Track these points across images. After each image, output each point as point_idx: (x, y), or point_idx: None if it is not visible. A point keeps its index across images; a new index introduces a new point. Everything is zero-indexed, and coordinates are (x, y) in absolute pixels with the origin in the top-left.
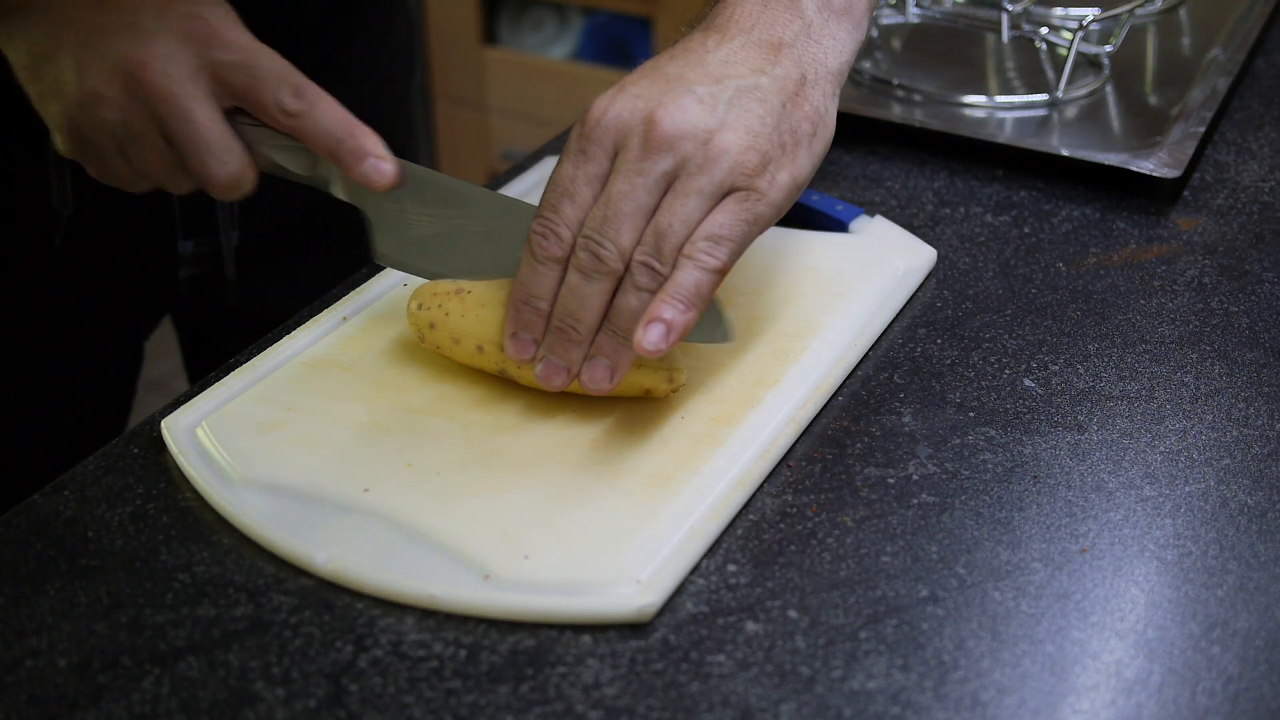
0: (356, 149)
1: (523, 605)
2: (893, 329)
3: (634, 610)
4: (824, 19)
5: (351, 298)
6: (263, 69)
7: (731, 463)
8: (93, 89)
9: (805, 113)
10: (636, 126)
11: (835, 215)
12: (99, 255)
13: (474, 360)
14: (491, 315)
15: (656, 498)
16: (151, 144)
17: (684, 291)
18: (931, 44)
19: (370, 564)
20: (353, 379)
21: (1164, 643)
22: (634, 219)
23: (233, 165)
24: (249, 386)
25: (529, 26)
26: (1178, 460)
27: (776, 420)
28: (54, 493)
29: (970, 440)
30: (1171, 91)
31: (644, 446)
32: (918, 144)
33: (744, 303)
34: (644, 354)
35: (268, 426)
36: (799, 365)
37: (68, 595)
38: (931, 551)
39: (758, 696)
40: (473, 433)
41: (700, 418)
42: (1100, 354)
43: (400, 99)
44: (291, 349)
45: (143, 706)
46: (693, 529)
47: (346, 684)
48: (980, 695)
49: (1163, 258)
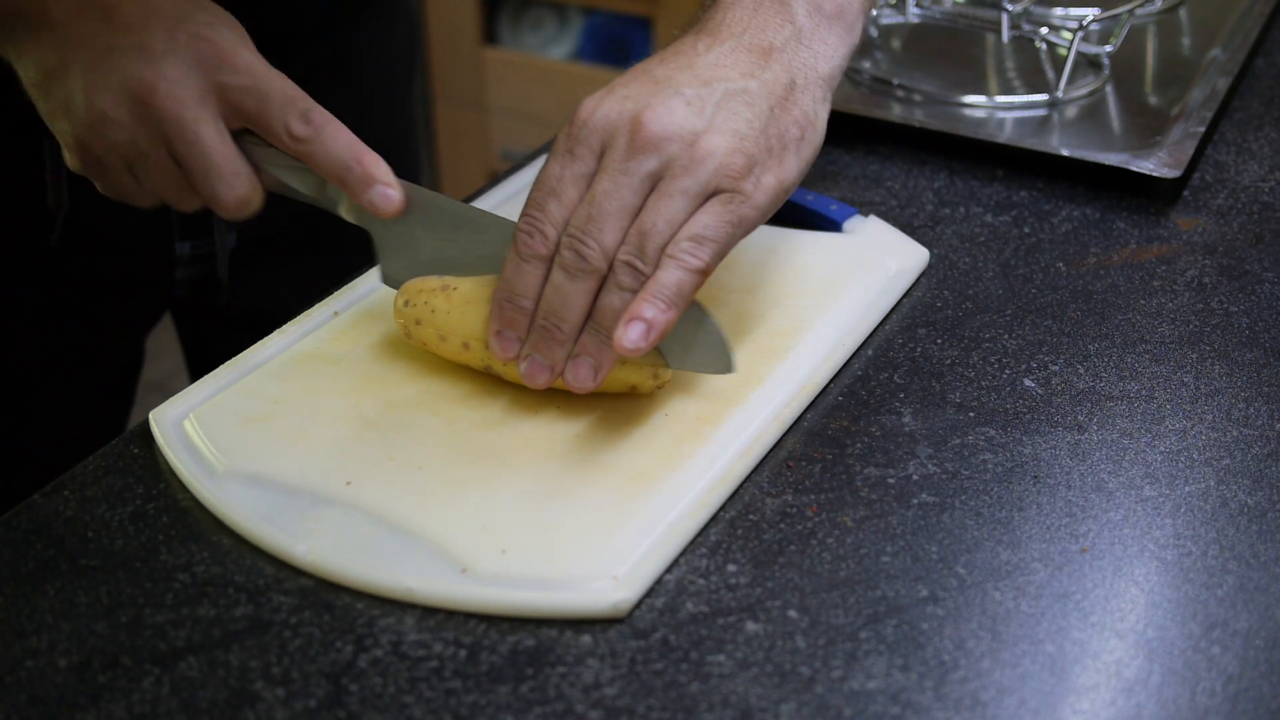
0: (364, 176)
1: (499, 599)
2: (892, 329)
3: (609, 605)
4: (815, 24)
5: (343, 293)
6: (271, 93)
7: (713, 460)
8: (101, 110)
9: (794, 117)
10: (623, 127)
11: (829, 215)
12: (95, 255)
13: (460, 356)
14: (477, 312)
15: (637, 495)
16: (160, 165)
17: (665, 291)
18: (931, 44)
19: (350, 556)
20: (340, 373)
21: (1164, 643)
22: (618, 218)
23: (240, 188)
24: (237, 379)
25: (529, 26)
26: (1178, 460)
27: (761, 418)
28: (54, 493)
29: (970, 440)
30: (1171, 91)
31: (627, 444)
32: (918, 144)
33: (734, 301)
34: (624, 353)
35: (254, 419)
36: (786, 364)
37: (68, 595)
38: (931, 551)
39: (758, 696)
40: (456, 428)
41: (684, 416)
42: (1100, 354)
43: (401, 99)
44: (281, 343)
45: (143, 706)
46: (671, 525)
47: (346, 684)
48: (980, 695)
49: (1163, 258)
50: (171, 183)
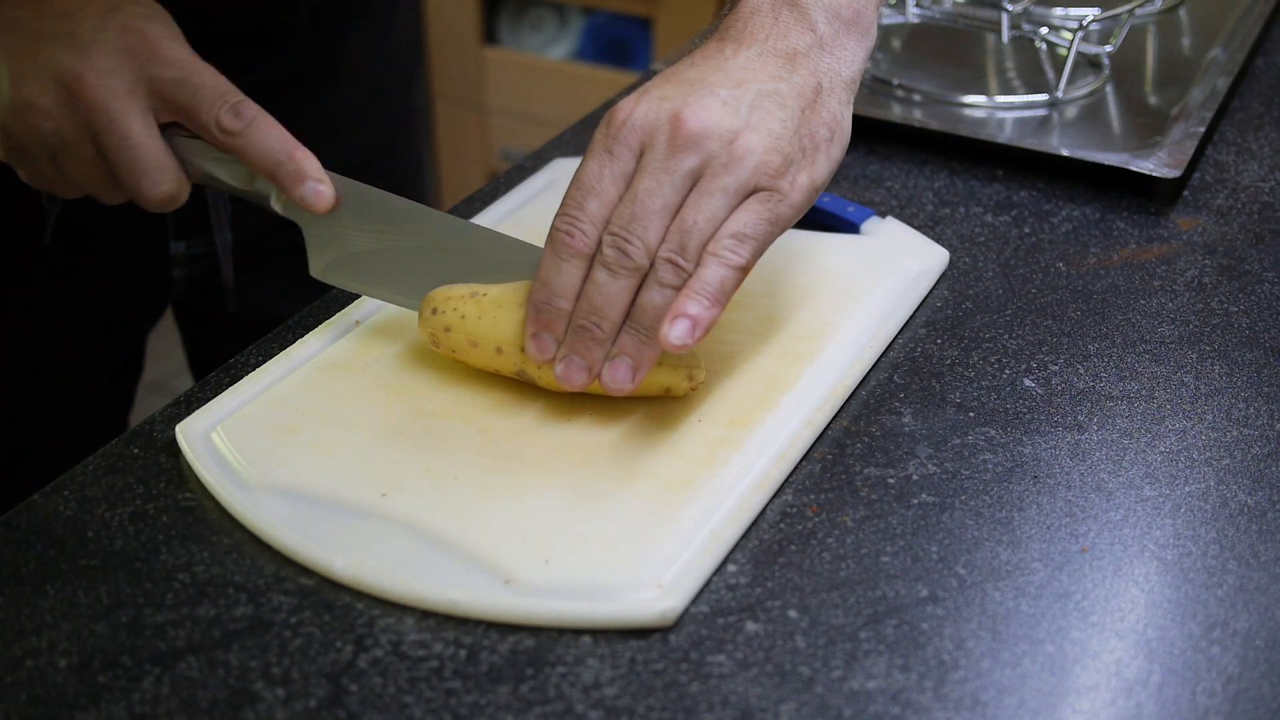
0: (295, 171)
1: (545, 610)
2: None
3: (656, 615)
4: (834, 30)
5: (362, 301)
6: (202, 87)
7: (749, 466)
8: (28, 97)
9: (823, 119)
10: (663, 125)
11: (847, 217)
12: (90, 255)
13: (492, 362)
14: (509, 316)
15: (675, 502)
16: (84, 156)
17: (709, 288)
18: (931, 44)
19: (389, 569)
20: (367, 383)
21: (1164, 643)
22: (661, 216)
23: (166, 184)
24: (263, 391)
25: (529, 26)
26: (1178, 460)
27: (793, 423)
28: (54, 493)
29: (970, 440)
30: (1171, 91)
31: (661, 450)
32: (918, 144)
33: (757, 304)
34: (670, 349)
35: (283, 431)
36: (814, 367)
37: (68, 595)
38: (931, 551)
39: (758, 696)
40: (489, 436)
41: (717, 421)
42: (1100, 354)
43: (402, 99)
44: (304, 353)
45: (143, 706)
46: (713, 533)
47: (346, 684)
48: (980, 695)
49: (1163, 258)
50: (95, 175)
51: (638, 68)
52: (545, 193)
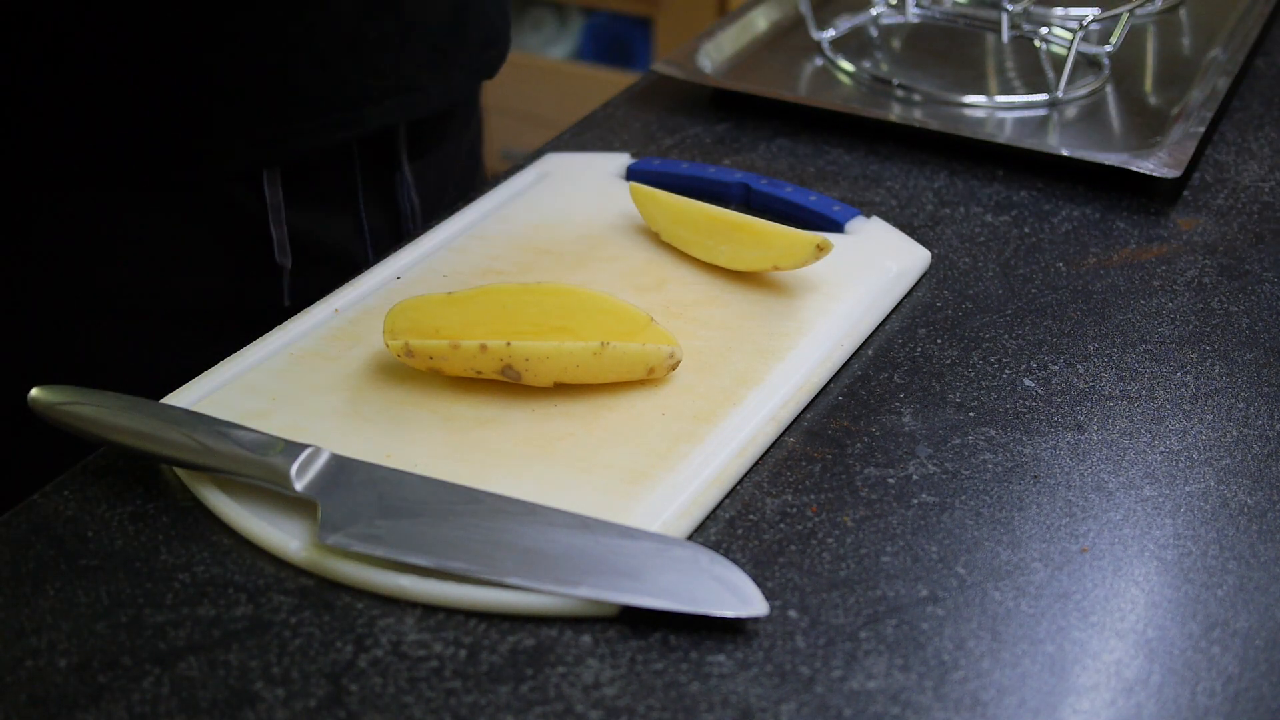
0: None
1: (496, 599)
2: (892, 329)
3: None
4: None
5: (343, 290)
6: None
7: (708, 461)
8: None
9: None
10: None
11: (832, 216)
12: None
13: (475, 361)
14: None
15: (632, 494)
16: None
17: None
18: (931, 44)
19: (346, 553)
20: (339, 370)
21: (1164, 643)
22: None
23: None
24: (237, 376)
25: (529, 26)
26: (1178, 460)
27: (757, 418)
28: (54, 493)
29: (970, 440)
30: (1171, 91)
31: (623, 442)
32: (918, 144)
33: (734, 302)
34: None
35: (253, 415)
36: (783, 365)
37: (68, 595)
38: (931, 551)
39: (758, 696)
40: (453, 424)
41: (682, 415)
42: (1100, 354)
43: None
44: (281, 339)
45: (143, 706)
46: (665, 525)
47: (346, 684)
48: (980, 695)
49: (1163, 258)
50: None
51: (638, 68)
52: (534, 187)
